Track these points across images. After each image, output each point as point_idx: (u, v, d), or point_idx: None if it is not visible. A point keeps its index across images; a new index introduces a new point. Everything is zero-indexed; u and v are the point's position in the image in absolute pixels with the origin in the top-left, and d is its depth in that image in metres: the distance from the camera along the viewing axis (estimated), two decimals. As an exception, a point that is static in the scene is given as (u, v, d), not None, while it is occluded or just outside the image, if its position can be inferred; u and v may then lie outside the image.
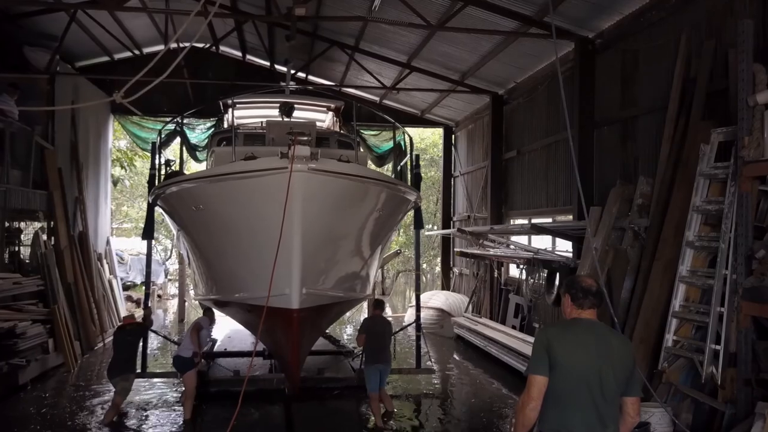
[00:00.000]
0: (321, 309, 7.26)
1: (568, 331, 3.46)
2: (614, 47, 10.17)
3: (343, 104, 12.71)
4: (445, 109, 18.26)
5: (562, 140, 11.97)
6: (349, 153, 9.76)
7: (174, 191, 7.55)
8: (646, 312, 7.32)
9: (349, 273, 7.68)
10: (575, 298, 3.51)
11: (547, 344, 3.35)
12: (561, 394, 3.31)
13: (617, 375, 3.32)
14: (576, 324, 3.48)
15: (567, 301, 3.56)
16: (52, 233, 12.33)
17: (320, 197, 6.17)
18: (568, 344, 3.36)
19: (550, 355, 3.32)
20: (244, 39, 16.24)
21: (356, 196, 6.64)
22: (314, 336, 8.16)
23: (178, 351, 8.50)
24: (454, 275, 18.99)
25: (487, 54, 12.92)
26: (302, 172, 5.82)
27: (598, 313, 3.57)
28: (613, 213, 8.41)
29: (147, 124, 17.74)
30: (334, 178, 6.15)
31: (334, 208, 6.38)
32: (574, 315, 3.52)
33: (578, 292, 3.50)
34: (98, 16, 13.33)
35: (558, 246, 11.95)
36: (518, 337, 11.71)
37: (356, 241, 7.35)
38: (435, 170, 25.88)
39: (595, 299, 3.52)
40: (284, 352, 7.22)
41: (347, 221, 6.82)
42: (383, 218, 7.48)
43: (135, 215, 30.72)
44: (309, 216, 6.16)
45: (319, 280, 6.88)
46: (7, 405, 8.79)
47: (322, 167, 5.99)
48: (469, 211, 17.32)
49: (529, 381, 3.36)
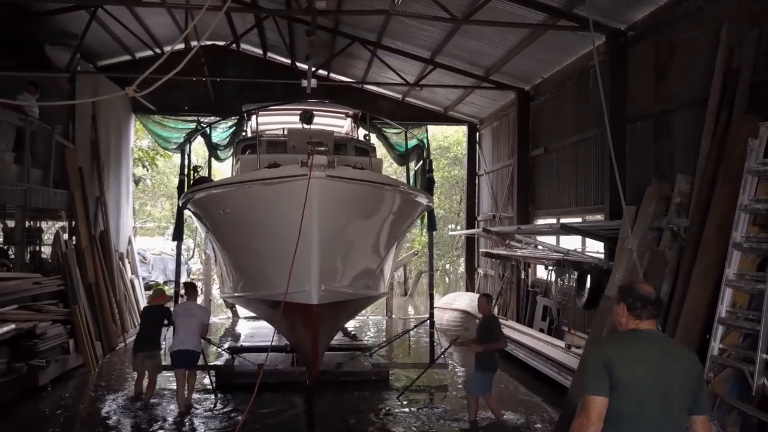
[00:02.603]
0: (338, 305, 7.71)
1: (629, 345, 3.13)
2: (648, 39, 9.74)
3: (361, 112, 13.39)
4: (469, 106, 17.88)
5: (591, 137, 11.55)
6: (363, 160, 10.42)
7: (203, 196, 8.15)
8: (686, 318, 6.90)
9: (364, 272, 8.08)
10: (633, 308, 3.20)
11: (607, 361, 3.03)
12: (623, 416, 2.98)
13: (685, 392, 3.02)
14: (636, 337, 3.17)
15: (622, 310, 3.26)
16: (73, 233, 12.25)
17: (336, 202, 6.67)
18: (630, 360, 3.04)
19: (610, 373, 3.00)
20: (265, 36, 16.04)
21: (369, 200, 7.17)
22: (332, 331, 8.69)
23: (187, 345, 8.39)
24: (478, 276, 18.61)
25: (513, 48, 12.53)
26: (320, 179, 6.35)
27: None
28: (649, 212, 7.99)
29: (168, 123, 17.68)
30: (349, 184, 6.68)
31: (349, 211, 6.91)
32: (632, 326, 3.22)
33: (636, 300, 3.20)
34: (119, 14, 13.22)
35: (588, 247, 11.53)
36: (546, 340, 11.33)
37: (370, 242, 7.81)
38: (459, 169, 25.47)
39: (655, 308, 3.22)
40: (304, 345, 7.72)
41: (361, 223, 7.31)
42: (396, 221, 7.97)
43: (158, 215, 30.89)
44: (326, 219, 6.65)
45: (336, 278, 7.35)
46: (26, 406, 8.72)
47: (338, 174, 6.54)
48: (495, 211, 16.92)
49: (587, 403, 3.03)
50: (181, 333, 8.46)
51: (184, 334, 8.44)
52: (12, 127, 10.61)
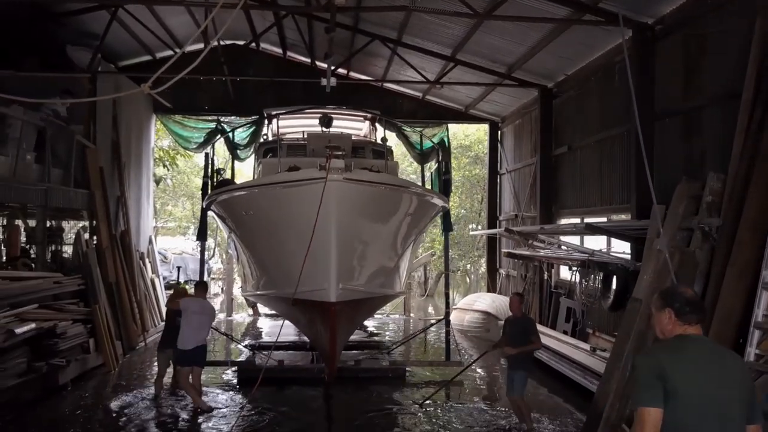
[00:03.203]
0: (355, 303, 7.92)
1: (681, 352, 2.95)
2: (676, 33, 9.43)
3: (379, 114, 13.90)
4: (491, 104, 17.62)
5: (617, 135, 11.25)
6: (380, 163, 10.88)
7: (226, 198, 8.47)
8: (718, 322, 6.61)
9: (380, 271, 8.29)
10: (681, 313, 3.03)
11: (660, 370, 2.84)
12: (683, 428, 2.81)
13: (741, 400, 2.86)
14: (687, 343, 3.00)
15: (668, 316, 3.08)
16: (94, 232, 12.29)
17: (353, 203, 6.91)
18: (685, 369, 2.86)
19: (665, 383, 2.81)
20: (284, 35, 15.98)
21: (385, 202, 7.42)
22: (350, 328, 9.01)
23: (198, 342, 8.52)
24: (500, 277, 18.34)
25: (536, 45, 12.27)
26: (337, 182, 6.59)
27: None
28: (679, 212, 7.70)
29: (189, 123, 17.70)
30: (365, 186, 6.92)
31: (365, 212, 7.14)
32: (678, 332, 3.05)
33: (684, 305, 3.04)
34: (139, 14, 13.26)
35: (613, 247, 11.23)
36: (570, 343, 11.06)
37: (386, 242, 8.04)
38: (480, 168, 25.18)
39: (703, 312, 3.09)
40: (323, 341, 8.01)
41: (377, 224, 7.56)
42: (411, 222, 8.22)
43: (179, 214, 31.05)
44: (343, 220, 6.90)
45: (353, 277, 7.58)
46: (46, 406, 8.73)
47: (355, 177, 6.76)
48: (517, 210, 16.65)
49: (641, 415, 2.84)
50: (191, 330, 8.52)
51: (194, 331, 8.52)
52: (33, 128, 10.66)
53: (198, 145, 18.10)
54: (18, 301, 9.02)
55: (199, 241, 11.58)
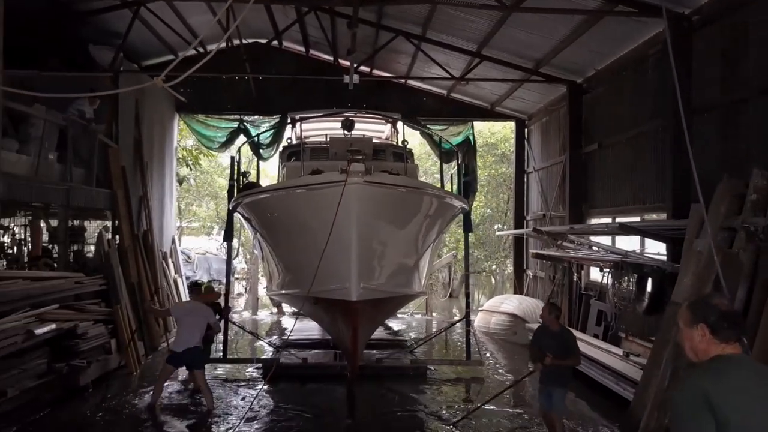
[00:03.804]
0: (376, 302, 8.06)
1: (726, 377, 2.52)
2: (716, 23, 8.98)
3: (399, 117, 14.25)
4: (517, 102, 17.21)
5: (650, 131, 10.81)
6: (399, 166, 11.17)
7: (252, 201, 8.72)
8: (766, 330, 6.20)
9: (400, 271, 8.46)
10: (718, 329, 2.62)
11: (707, 397, 2.43)
12: None
13: None
14: (729, 366, 2.58)
15: (702, 333, 2.66)
16: (116, 232, 12.22)
17: (373, 205, 7.09)
18: (735, 397, 2.44)
19: (715, 413, 2.40)
20: (307, 33, 15.79)
21: (403, 203, 7.60)
22: (372, 326, 9.27)
23: (192, 344, 8.51)
24: (527, 278, 17.92)
25: (565, 38, 11.87)
26: (357, 185, 6.77)
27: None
28: (720, 211, 7.28)
29: (211, 122, 17.67)
30: (385, 189, 7.09)
31: (385, 214, 7.32)
32: (715, 352, 2.63)
33: (720, 320, 2.62)
34: (162, 13, 13.17)
35: (647, 248, 10.78)
36: (602, 347, 10.63)
37: (405, 243, 8.20)
38: (506, 166, 24.72)
39: (741, 328, 2.67)
40: (345, 339, 8.24)
41: (397, 226, 7.72)
42: (430, 223, 8.38)
43: (203, 214, 31.12)
44: (363, 221, 7.09)
45: (373, 277, 7.75)
46: (67, 407, 8.62)
47: (374, 180, 6.93)
48: (545, 210, 16.22)
49: None
50: (187, 332, 8.55)
51: (189, 333, 8.53)
52: (55, 127, 10.62)
53: (221, 145, 18.08)
54: (39, 301, 8.94)
55: (226, 242, 11.90)
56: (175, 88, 15.62)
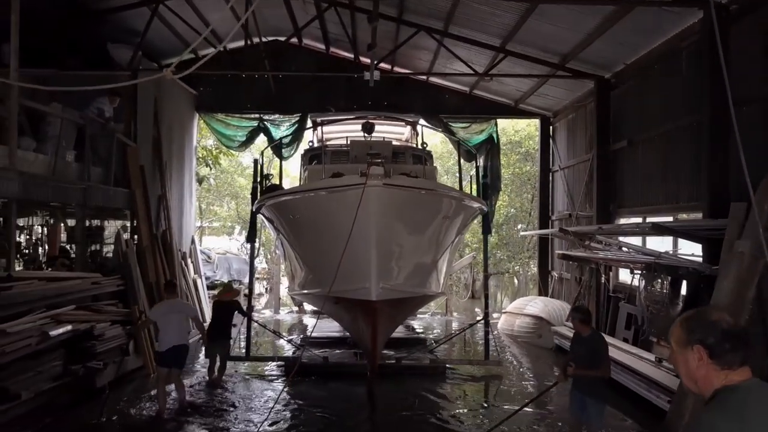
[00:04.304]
0: (395, 302, 8.21)
1: (743, 415, 2.04)
2: (756, 12, 8.51)
3: (420, 118, 14.72)
4: (542, 98, 16.76)
5: (684, 126, 10.34)
6: (418, 168, 11.47)
7: (275, 203, 8.94)
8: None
9: (419, 272, 8.55)
10: (719, 352, 2.14)
11: None
12: None
13: None
14: (746, 398, 2.08)
15: (699, 357, 2.18)
16: (135, 232, 12.10)
17: (391, 207, 7.23)
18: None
19: None
20: (326, 29, 15.55)
21: (422, 205, 7.69)
22: (391, 326, 9.40)
23: (177, 341, 8.35)
24: (552, 279, 17.46)
25: (593, 31, 11.44)
26: (376, 188, 6.91)
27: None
28: (765, 209, 6.85)
29: (231, 121, 17.54)
30: (403, 191, 7.23)
31: (403, 216, 7.44)
32: (720, 381, 2.14)
33: (722, 341, 2.14)
34: (180, 10, 13.03)
35: (680, 249, 10.30)
36: (632, 352, 10.19)
37: (424, 244, 8.30)
38: (530, 165, 24.21)
39: (749, 349, 2.16)
40: (365, 338, 8.44)
41: (415, 227, 7.84)
42: (448, 224, 8.47)
43: (224, 214, 31.06)
44: (382, 223, 7.24)
45: (392, 277, 7.88)
46: (83, 409, 8.48)
47: (393, 183, 7.11)
48: (571, 210, 15.77)
49: None
50: (168, 331, 8.34)
51: (172, 331, 8.35)
52: (73, 125, 10.52)
53: (240, 144, 17.95)
54: (55, 302, 8.83)
55: (249, 243, 12.29)
56: (195, 87, 15.61)
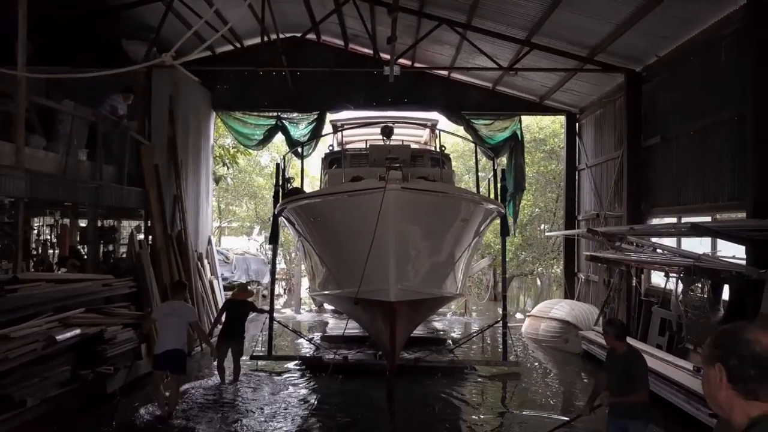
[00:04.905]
0: (414, 303, 8.35)
1: None
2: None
3: (438, 122, 14.94)
4: (568, 94, 16.19)
5: (724, 120, 9.74)
6: (436, 172, 11.61)
7: (296, 206, 9.14)
8: None
9: (437, 273, 8.68)
10: (741, 377, 1.77)
11: None
12: None
13: None
14: None
15: (719, 377, 1.82)
16: (149, 232, 11.82)
17: (409, 210, 7.39)
18: None
19: None
20: (345, 25, 15.15)
21: (439, 208, 7.84)
22: (410, 326, 9.46)
23: (173, 345, 8.13)
24: (579, 282, 16.86)
25: (625, 21, 10.87)
26: (395, 191, 7.09)
27: None
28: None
29: (248, 119, 17.25)
30: (421, 195, 7.39)
31: (421, 219, 7.61)
32: (747, 412, 1.76)
33: (748, 365, 1.76)
34: (195, 5, 12.72)
35: (719, 251, 9.70)
36: (667, 360, 9.60)
37: (441, 246, 8.42)
38: (556, 163, 23.53)
39: None
40: (384, 338, 8.52)
41: (433, 230, 7.98)
42: (465, 227, 8.59)
43: (242, 214, 30.82)
44: (401, 226, 7.41)
45: (411, 279, 8.04)
46: (93, 416, 8.18)
47: (411, 186, 7.26)
48: (598, 209, 15.16)
49: None
50: (166, 334, 8.17)
51: (169, 334, 8.16)
52: (85, 123, 10.26)
53: (258, 143, 17.68)
54: (64, 305, 8.54)
55: (271, 245, 12.65)
56: (212, 85, 15.23)
